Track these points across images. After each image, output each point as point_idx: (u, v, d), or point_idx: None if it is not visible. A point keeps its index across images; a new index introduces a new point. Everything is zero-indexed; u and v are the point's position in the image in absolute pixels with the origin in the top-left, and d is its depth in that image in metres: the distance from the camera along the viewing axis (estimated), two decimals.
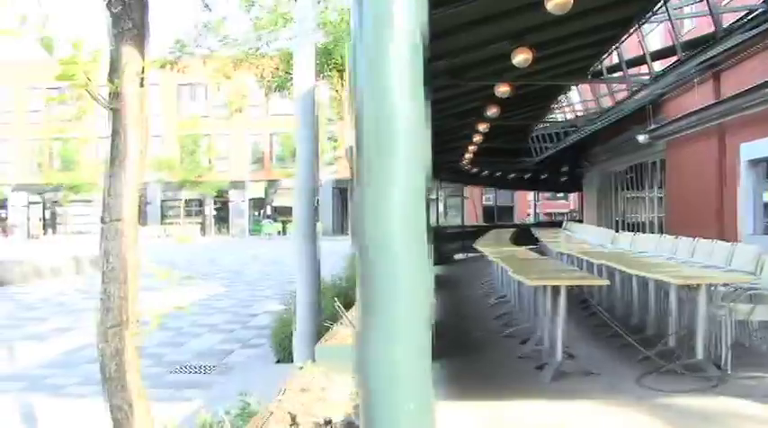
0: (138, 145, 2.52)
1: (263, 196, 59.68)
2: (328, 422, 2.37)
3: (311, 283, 6.81)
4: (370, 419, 1.10)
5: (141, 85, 2.51)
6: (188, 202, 57.27)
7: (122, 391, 2.56)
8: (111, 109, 2.47)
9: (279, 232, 57.81)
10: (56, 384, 8.95)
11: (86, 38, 2.24)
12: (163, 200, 60.03)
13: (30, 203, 61.64)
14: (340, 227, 57.64)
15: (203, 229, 60.65)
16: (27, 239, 50.24)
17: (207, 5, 10.26)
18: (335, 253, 15.47)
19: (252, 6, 10.24)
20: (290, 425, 2.41)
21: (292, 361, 8.81)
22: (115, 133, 2.50)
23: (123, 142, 2.49)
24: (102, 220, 2.54)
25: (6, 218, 60.05)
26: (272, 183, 59.82)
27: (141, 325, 2.71)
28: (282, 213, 59.83)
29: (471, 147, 20.32)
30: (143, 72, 2.51)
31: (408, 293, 1.09)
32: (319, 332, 7.38)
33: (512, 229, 22.36)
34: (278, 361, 9.76)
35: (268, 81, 11.07)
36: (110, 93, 2.46)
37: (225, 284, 20.44)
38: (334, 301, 10.23)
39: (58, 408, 7.87)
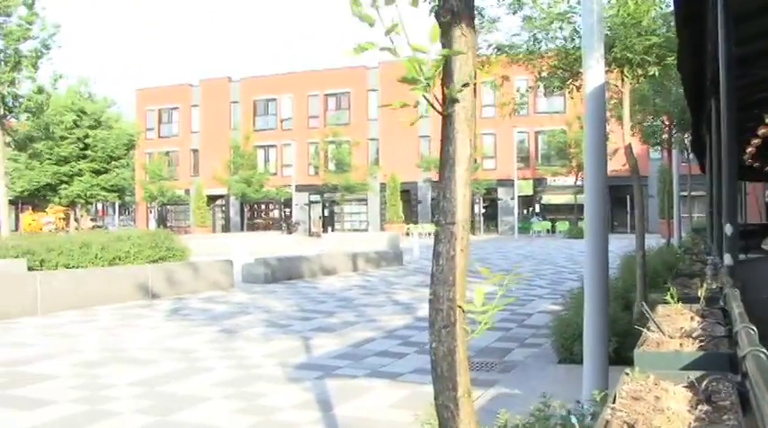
0: (468, 149, 2.56)
1: (530, 194, 59.47)
2: None
3: (600, 283, 6.60)
4: None
5: (474, 91, 2.56)
6: None
7: (452, 390, 2.62)
8: (445, 115, 2.53)
9: (548, 230, 57.37)
10: (347, 374, 9.44)
11: (425, 45, 2.32)
12: (433, 198, 61.58)
13: (311, 202, 66.11)
14: (609, 225, 56.00)
15: (473, 227, 61.47)
16: (308, 236, 53.75)
17: (479, 11, 10.40)
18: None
19: (521, 6, 10.14)
20: None
21: (575, 362, 8.66)
22: (446, 138, 2.56)
23: (454, 147, 2.54)
24: (437, 223, 2.61)
25: (291, 216, 64.77)
26: (539, 181, 59.44)
27: (471, 326, 2.77)
28: (551, 211, 59.30)
29: (755, 141, 18.86)
30: (475, 77, 2.55)
31: None
32: (607, 334, 7.15)
33: None
34: (559, 362, 9.65)
35: (546, 80, 10.93)
36: (444, 99, 2.52)
37: (497, 282, 20.52)
38: (616, 302, 9.98)
39: (352, 397, 8.29)
